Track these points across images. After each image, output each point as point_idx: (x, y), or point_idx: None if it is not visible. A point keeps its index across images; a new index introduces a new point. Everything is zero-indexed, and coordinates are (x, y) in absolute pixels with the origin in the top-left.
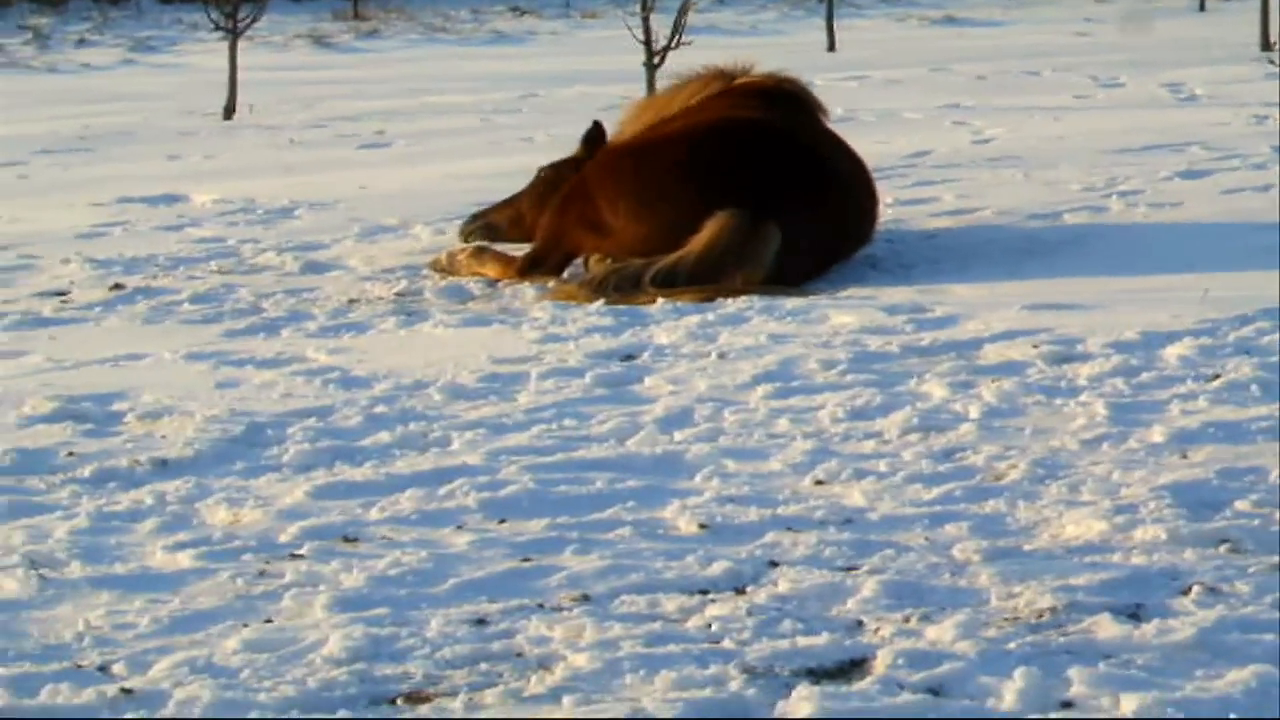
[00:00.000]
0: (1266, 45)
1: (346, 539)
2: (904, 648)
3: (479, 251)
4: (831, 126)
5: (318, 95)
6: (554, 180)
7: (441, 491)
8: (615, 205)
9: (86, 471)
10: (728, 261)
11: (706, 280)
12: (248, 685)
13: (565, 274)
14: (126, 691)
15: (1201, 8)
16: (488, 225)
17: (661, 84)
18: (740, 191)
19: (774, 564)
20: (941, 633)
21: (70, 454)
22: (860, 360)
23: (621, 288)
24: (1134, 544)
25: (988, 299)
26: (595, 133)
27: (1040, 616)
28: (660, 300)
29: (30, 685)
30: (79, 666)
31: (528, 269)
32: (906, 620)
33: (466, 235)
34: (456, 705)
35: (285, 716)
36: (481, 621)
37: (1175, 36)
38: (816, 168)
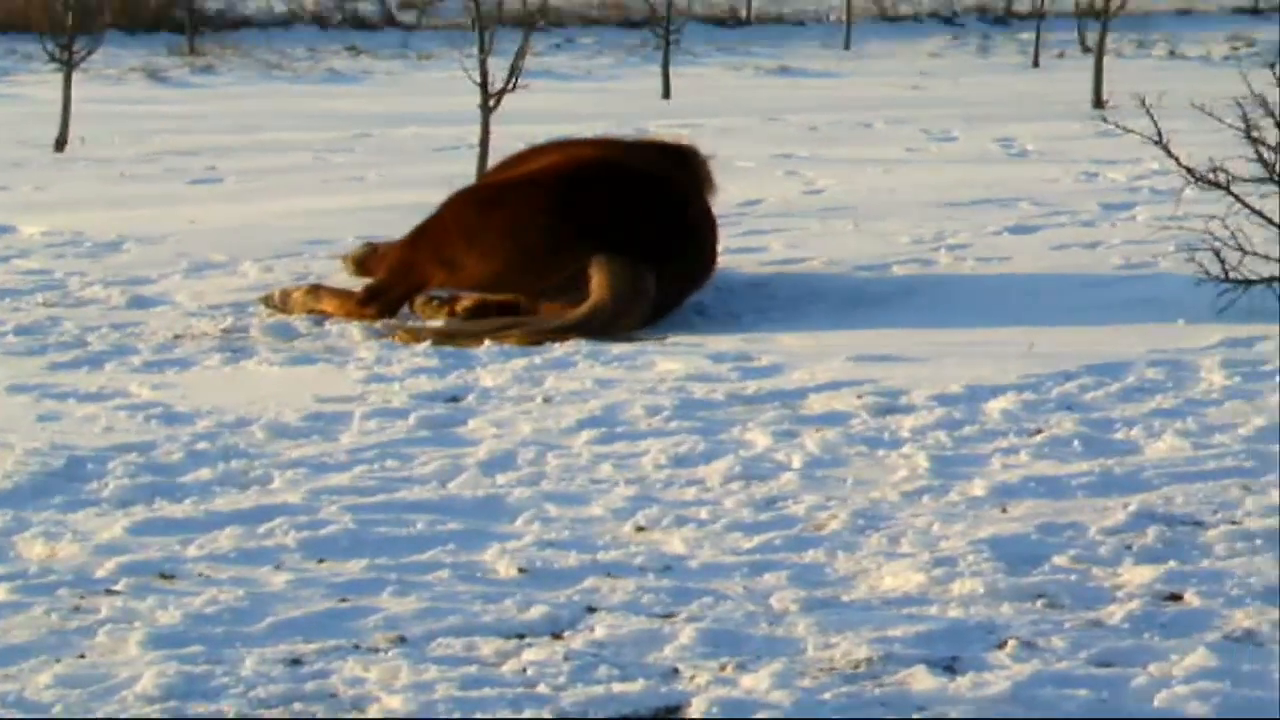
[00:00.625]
0: (1099, 103)
1: (164, 575)
2: (719, 696)
3: (314, 288)
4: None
5: (151, 129)
6: None
7: (261, 530)
8: (471, 241)
9: None
10: (621, 310)
11: (603, 332)
12: None
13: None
14: None
15: (1035, 64)
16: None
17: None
18: (614, 235)
19: (592, 609)
20: (757, 682)
21: None
22: (685, 407)
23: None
24: (952, 597)
25: (814, 349)
26: None
27: (856, 667)
28: (487, 342)
29: None
30: None
31: (368, 300)
32: (723, 669)
33: (348, 259)
34: None
35: None
36: (297, 661)
37: (1009, 92)
38: (679, 209)
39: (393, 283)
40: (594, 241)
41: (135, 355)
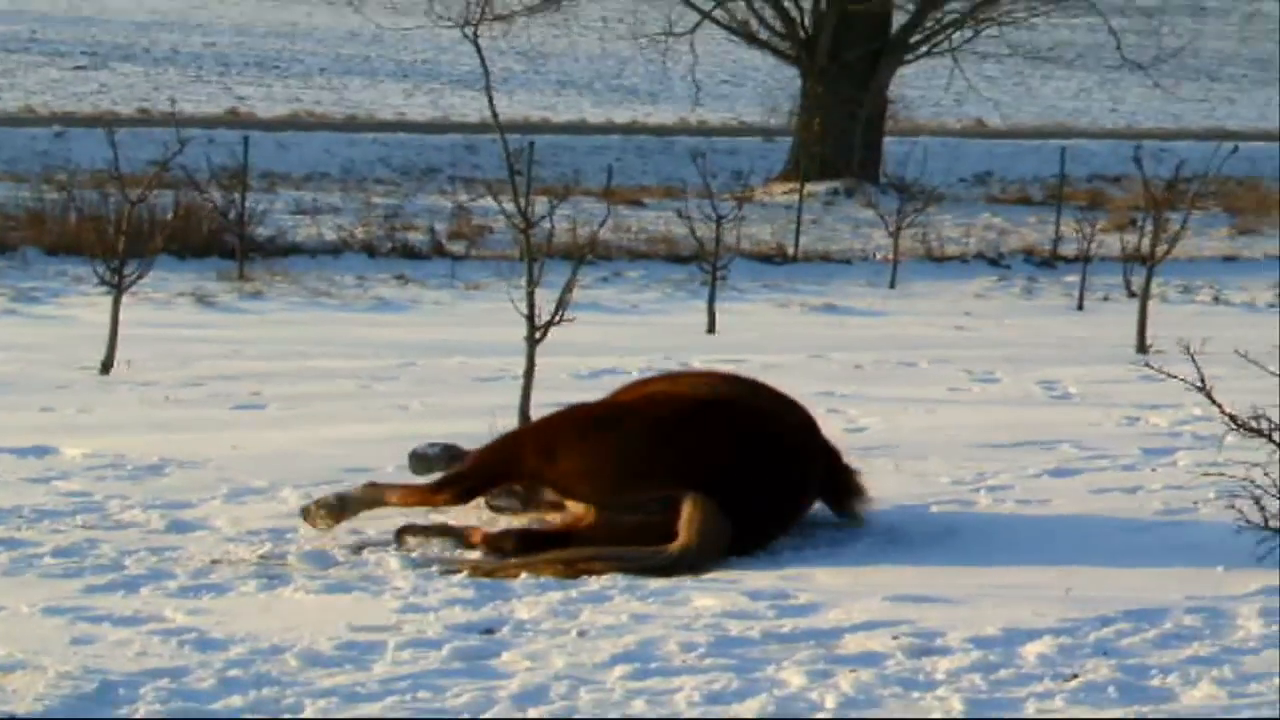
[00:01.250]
0: (1142, 348)
1: None
2: None
3: (372, 484)
4: None
5: (197, 353)
6: None
7: None
8: (579, 442)
9: None
10: (706, 554)
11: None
12: None
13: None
14: None
15: (1080, 306)
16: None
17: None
18: (713, 476)
19: None
20: None
21: None
22: (720, 645)
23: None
24: None
25: (851, 587)
26: None
27: None
28: (524, 574)
29: None
30: None
31: (442, 486)
32: None
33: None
34: None
35: None
36: None
37: (1054, 334)
38: (788, 459)
39: (477, 469)
40: (692, 478)
41: (172, 580)
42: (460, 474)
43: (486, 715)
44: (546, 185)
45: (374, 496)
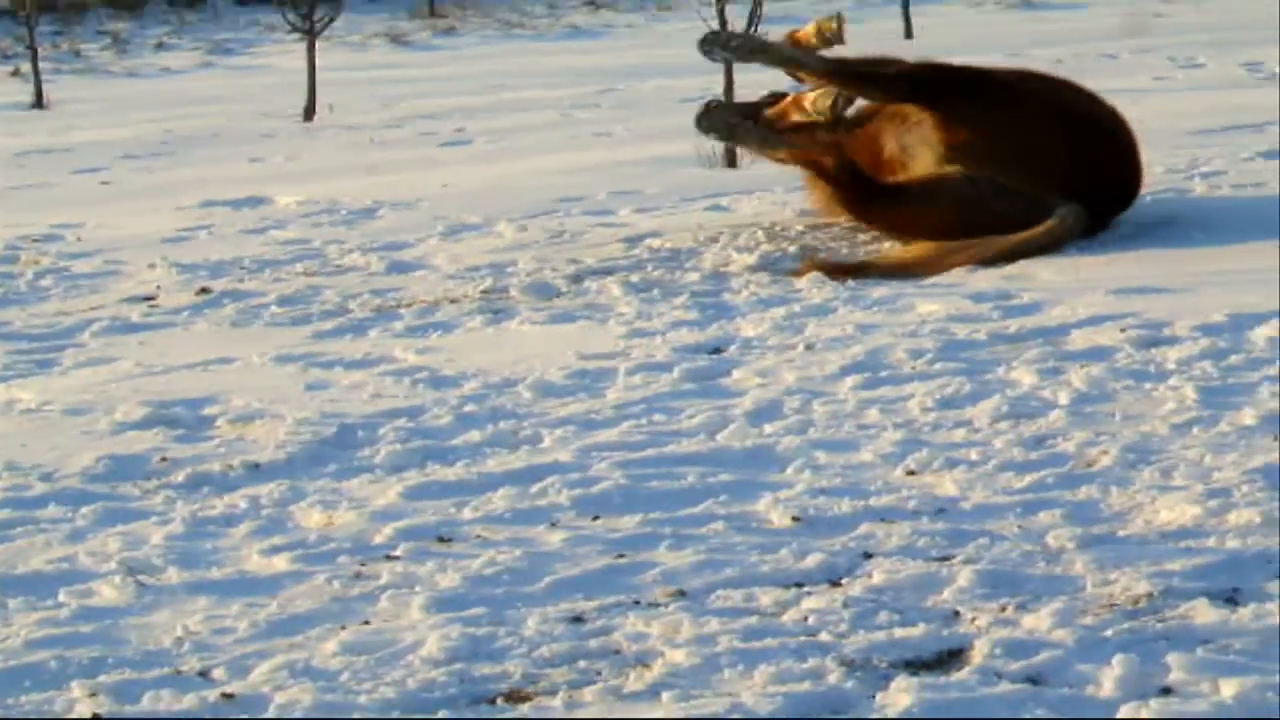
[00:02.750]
0: None
1: (441, 539)
2: (1001, 637)
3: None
4: None
5: (396, 94)
6: None
7: (533, 489)
8: (985, 102)
9: (180, 477)
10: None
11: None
12: (347, 688)
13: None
14: (227, 696)
15: None
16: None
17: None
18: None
19: (868, 555)
20: (1038, 621)
21: (163, 459)
22: (948, 348)
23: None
24: (1228, 528)
25: (1074, 284)
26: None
27: (1136, 603)
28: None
29: (131, 692)
30: (179, 672)
31: (844, 70)
32: (1003, 609)
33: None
34: (556, 703)
35: (386, 718)
36: (578, 619)
37: (1255, 15)
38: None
39: (861, 65)
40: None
41: (398, 320)
42: (910, 70)
43: (722, 433)
44: None
45: (786, 54)
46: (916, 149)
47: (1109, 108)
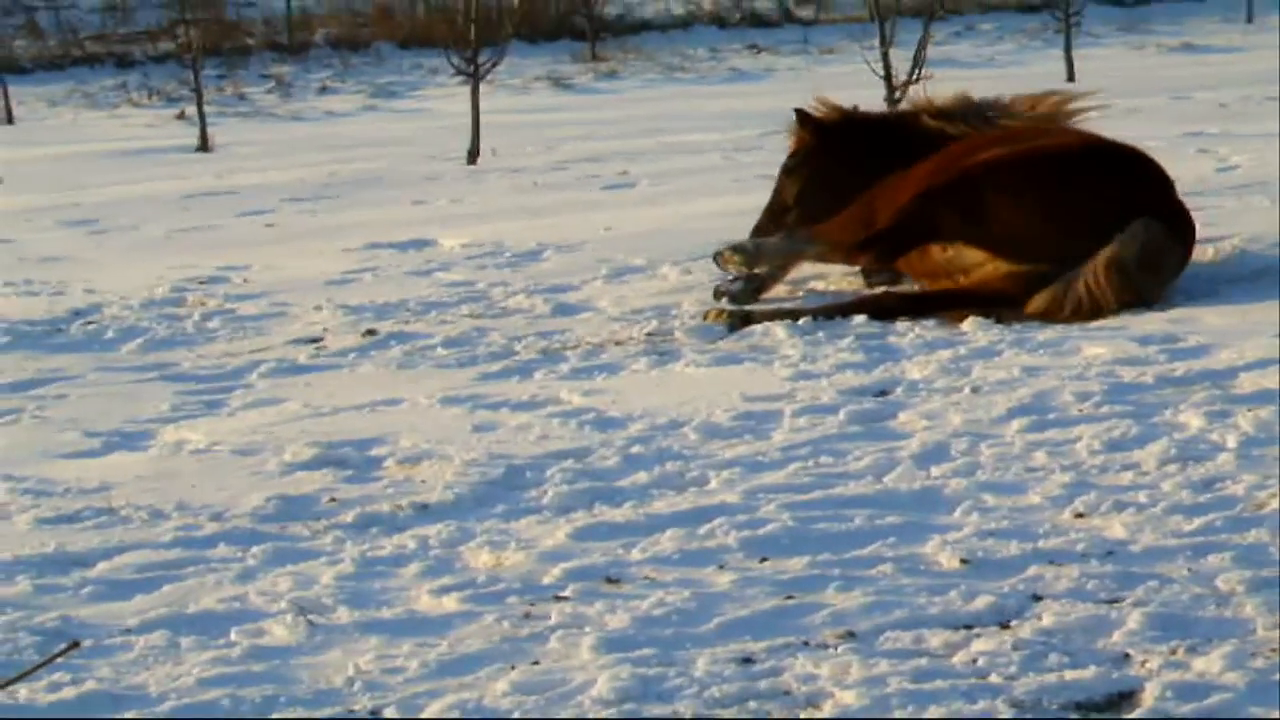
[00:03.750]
0: None
1: (610, 580)
2: (1172, 680)
3: (789, 235)
4: None
5: (559, 137)
6: (801, 170)
7: (701, 531)
8: (1014, 195)
9: (349, 517)
10: (1157, 263)
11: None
12: None
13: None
14: None
15: None
16: (756, 228)
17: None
18: (1145, 207)
19: (1037, 598)
20: (1209, 664)
21: (332, 500)
22: (1115, 391)
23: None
24: None
25: (1240, 327)
26: (805, 115)
27: None
28: (917, 331)
29: None
30: (351, 711)
31: (870, 242)
32: (1173, 652)
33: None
34: None
35: None
36: (748, 660)
37: None
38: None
39: (897, 230)
40: (1129, 215)
41: (563, 362)
42: (880, 234)
43: (889, 475)
44: None
45: (791, 249)
46: (964, 258)
47: (1093, 138)
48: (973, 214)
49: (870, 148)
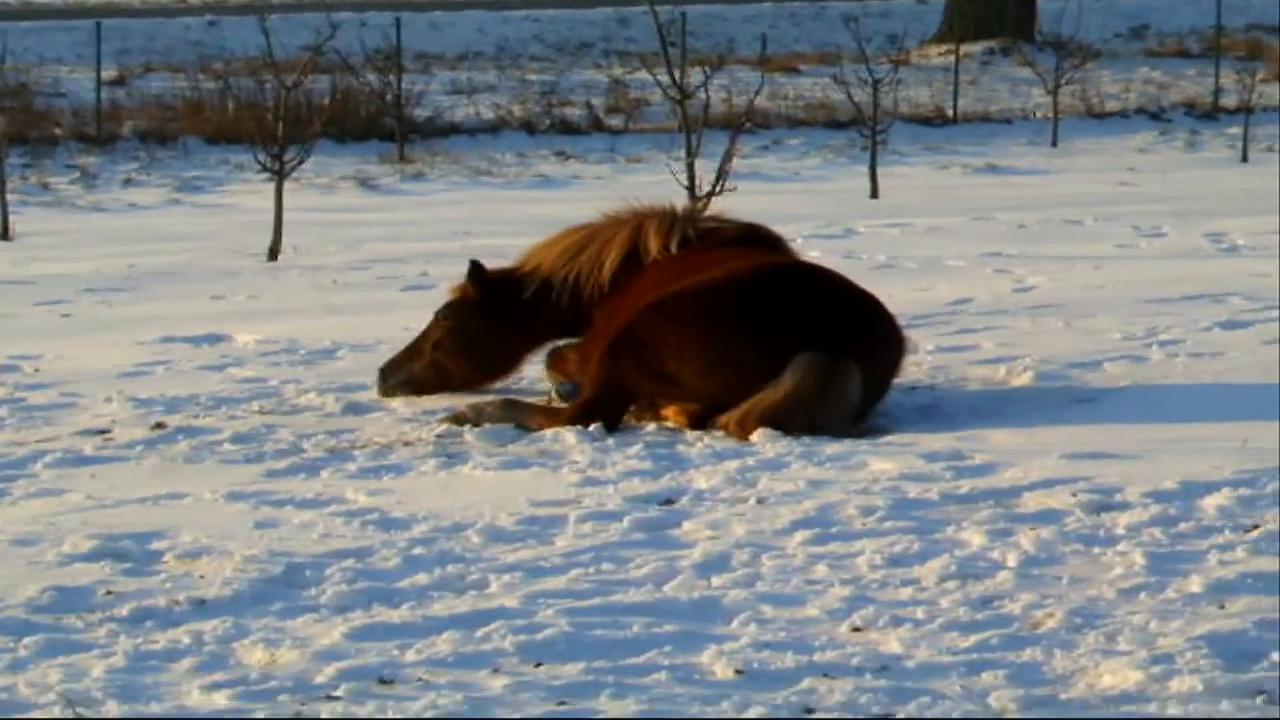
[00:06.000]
0: None
1: (383, 680)
2: None
3: (509, 403)
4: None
5: (362, 237)
6: (455, 324)
7: (478, 634)
8: (682, 355)
9: (125, 610)
10: (815, 402)
11: (796, 423)
12: None
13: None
14: None
15: (1244, 158)
16: (410, 380)
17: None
18: (813, 334)
19: (810, 710)
20: None
21: (109, 593)
22: (899, 507)
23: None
24: (1170, 694)
25: (1027, 447)
26: (478, 270)
27: None
28: (700, 444)
29: None
30: None
31: (581, 417)
32: None
33: (388, 392)
34: None
35: None
36: None
37: (1219, 187)
38: (868, 307)
39: (603, 398)
40: (795, 342)
41: (351, 461)
42: (590, 406)
43: (670, 584)
44: (701, 56)
45: (512, 420)
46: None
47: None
48: (649, 369)
49: (529, 310)
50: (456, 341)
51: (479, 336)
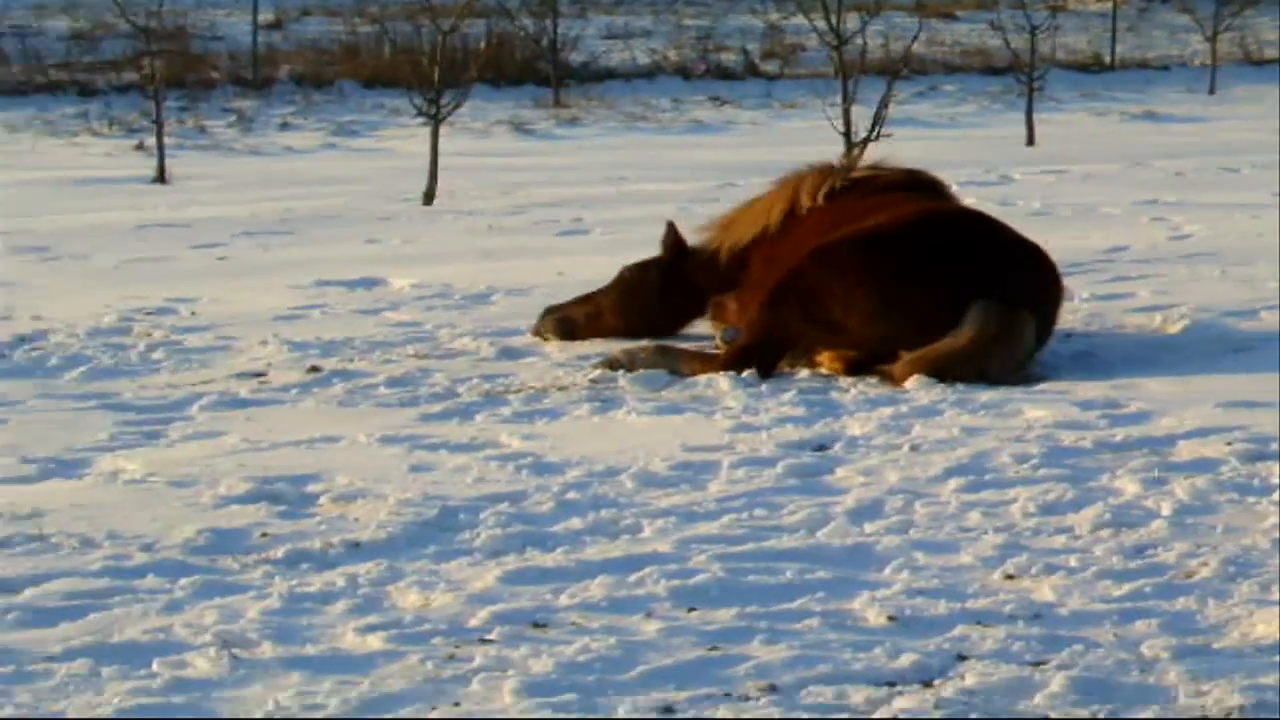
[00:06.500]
0: None
1: (536, 624)
2: None
3: (662, 348)
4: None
5: (517, 181)
6: (639, 280)
7: (631, 579)
8: (849, 302)
9: (280, 553)
10: (993, 352)
11: (968, 373)
12: None
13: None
14: None
15: None
16: (563, 319)
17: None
18: (985, 282)
19: (962, 657)
20: None
21: (264, 535)
22: (1053, 455)
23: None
24: None
25: (1182, 395)
26: (671, 231)
27: (1228, 715)
28: (855, 390)
29: None
30: None
31: (737, 363)
32: (1094, 716)
33: (540, 330)
34: None
35: None
36: (669, 709)
37: None
38: (1035, 255)
39: (759, 345)
40: (971, 290)
41: (505, 406)
42: (747, 353)
43: (823, 530)
44: (858, 1)
45: (666, 366)
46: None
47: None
48: (812, 316)
49: (705, 276)
50: (626, 293)
51: (653, 292)
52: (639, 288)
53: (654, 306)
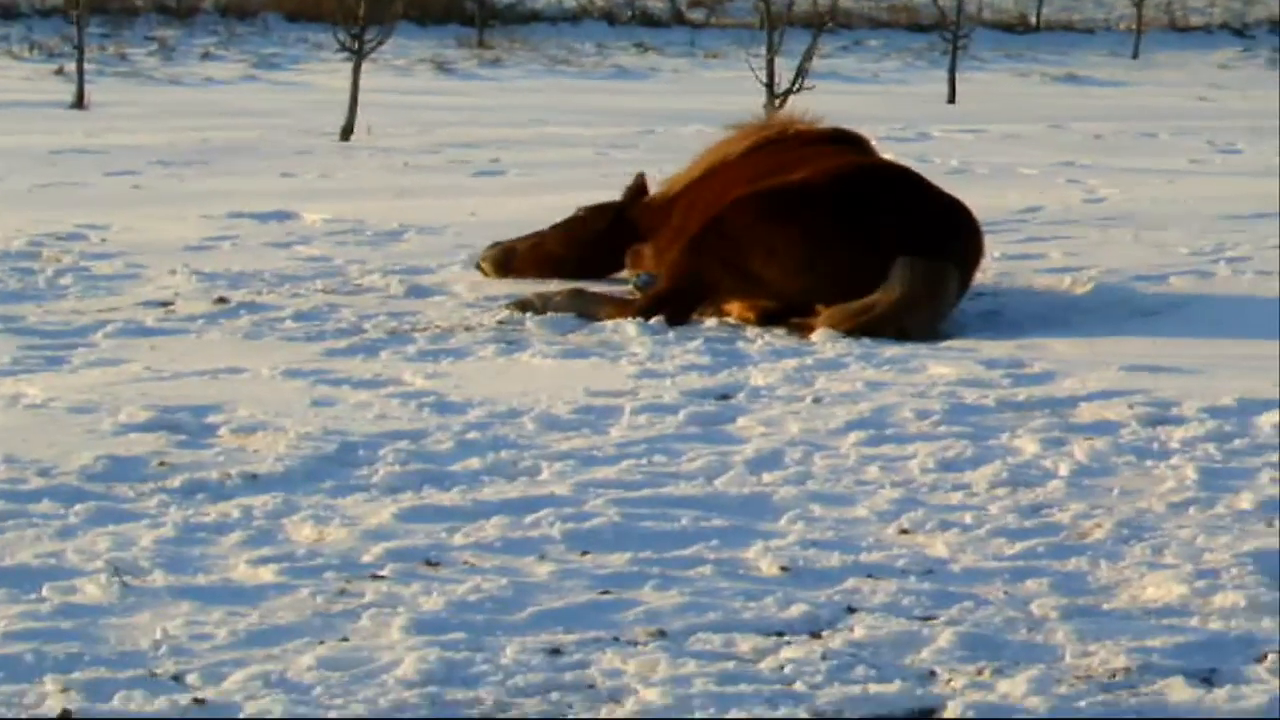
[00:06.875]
0: None
1: (429, 562)
2: (975, 700)
3: (577, 292)
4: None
5: (436, 120)
6: (590, 219)
7: (527, 520)
8: (771, 252)
9: (176, 482)
10: (920, 310)
11: (890, 328)
12: (319, 702)
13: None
14: (199, 702)
15: None
16: (504, 250)
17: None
18: (910, 237)
19: (852, 610)
20: (1013, 687)
21: (162, 464)
22: (955, 412)
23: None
24: (1212, 609)
25: (1087, 357)
26: (638, 182)
27: (1113, 676)
28: (761, 340)
29: (103, 690)
30: (153, 675)
31: (653, 309)
32: (979, 673)
33: (480, 262)
34: None
35: None
36: (556, 651)
37: None
38: (959, 211)
39: (679, 292)
40: (896, 245)
41: (411, 344)
42: (663, 297)
43: (720, 479)
44: None
45: (581, 309)
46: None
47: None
48: (733, 265)
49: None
50: (574, 228)
51: (599, 233)
52: (588, 225)
53: (594, 245)
